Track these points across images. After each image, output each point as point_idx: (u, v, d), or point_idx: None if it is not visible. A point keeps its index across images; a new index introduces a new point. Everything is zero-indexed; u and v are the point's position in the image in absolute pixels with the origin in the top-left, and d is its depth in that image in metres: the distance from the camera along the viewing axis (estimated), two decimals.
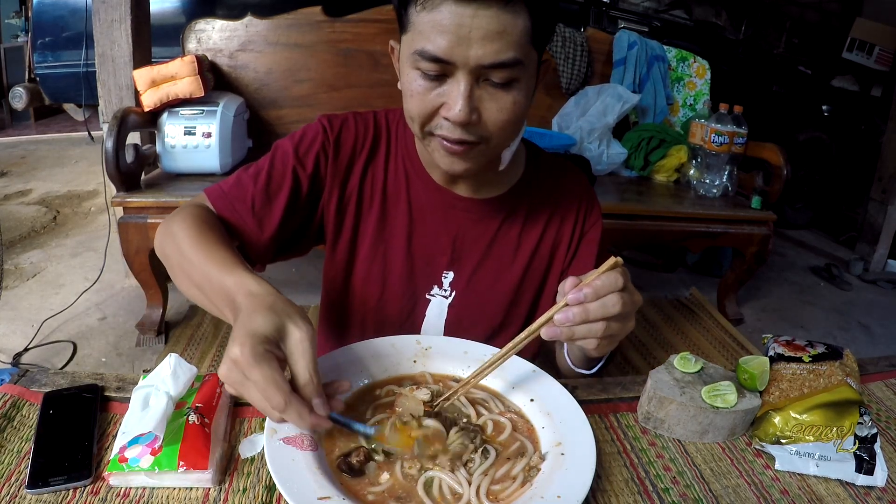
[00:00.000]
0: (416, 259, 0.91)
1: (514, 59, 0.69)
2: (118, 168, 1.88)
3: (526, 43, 0.70)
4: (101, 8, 2.12)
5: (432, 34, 0.68)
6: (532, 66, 0.74)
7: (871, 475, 0.66)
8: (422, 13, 0.68)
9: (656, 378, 0.73)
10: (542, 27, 0.72)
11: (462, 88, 0.70)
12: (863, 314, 2.94)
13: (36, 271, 2.59)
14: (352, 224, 0.91)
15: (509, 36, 0.68)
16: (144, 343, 2.13)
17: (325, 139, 0.89)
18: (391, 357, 0.75)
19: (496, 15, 0.66)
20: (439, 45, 0.68)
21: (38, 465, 0.57)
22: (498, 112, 0.72)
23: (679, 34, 3.75)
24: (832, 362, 0.74)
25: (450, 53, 0.68)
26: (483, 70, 0.69)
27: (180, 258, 0.74)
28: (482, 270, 0.92)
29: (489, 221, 0.91)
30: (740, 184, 2.63)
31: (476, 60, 0.68)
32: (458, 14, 0.66)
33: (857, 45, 4.34)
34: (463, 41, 0.67)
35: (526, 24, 0.69)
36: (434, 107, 0.73)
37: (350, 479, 0.58)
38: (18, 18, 5.12)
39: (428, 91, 0.72)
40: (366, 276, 0.92)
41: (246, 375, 0.54)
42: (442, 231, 0.91)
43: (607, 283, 0.62)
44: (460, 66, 0.69)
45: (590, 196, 0.97)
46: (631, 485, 0.63)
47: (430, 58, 0.69)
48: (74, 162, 4.18)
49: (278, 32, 2.44)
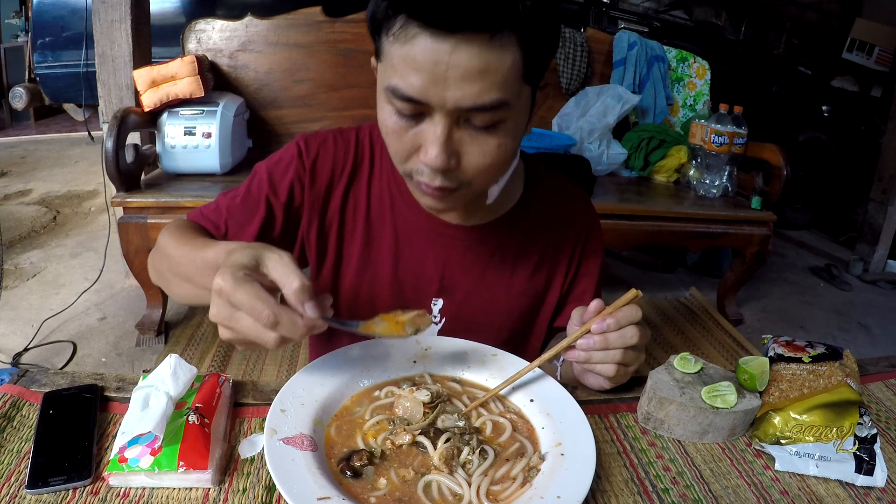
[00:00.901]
0: (404, 286, 0.87)
1: (497, 102, 0.61)
2: (118, 168, 1.88)
3: (515, 80, 0.62)
4: (101, 8, 2.12)
5: (405, 70, 0.60)
6: (523, 103, 0.66)
7: (871, 476, 0.66)
8: (395, 45, 0.61)
9: (656, 378, 0.73)
10: (537, 60, 0.64)
11: (438, 132, 0.63)
12: (863, 314, 2.94)
13: (36, 271, 2.59)
14: (335, 251, 0.87)
15: (494, 75, 0.60)
16: (144, 343, 2.13)
17: (299, 166, 0.84)
18: (391, 358, 0.75)
19: (479, 51, 0.58)
20: (413, 83, 0.60)
21: (38, 465, 0.57)
22: (480, 156, 0.66)
23: (679, 34, 3.75)
24: (832, 363, 0.74)
25: (424, 94, 0.61)
26: (463, 112, 0.62)
27: (168, 262, 0.74)
28: (474, 298, 0.88)
29: (481, 248, 0.86)
30: (740, 184, 2.64)
31: (454, 103, 0.61)
32: (433, 50, 0.58)
33: (856, 45, 4.34)
34: (439, 80, 0.59)
35: (516, 60, 0.61)
36: (411, 148, 0.67)
37: (352, 481, 0.58)
38: (18, 18, 5.12)
39: (404, 131, 0.66)
40: (352, 302, 0.88)
41: (231, 302, 0.55)
42: (430, 258, 0.86)
43: (628, 315, 0.68)
44: (437, 108, 0.62)
45: (589, 217, 0.92)
46: (631, 485, 0.63)
47: (402, 97, 0.62)
48: (74, 162, 4.18)
49: (278, 32, 2.44)
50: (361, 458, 0.59)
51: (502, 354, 0.77)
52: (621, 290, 0.70)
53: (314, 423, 0.63)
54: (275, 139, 2.52)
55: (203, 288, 0.65)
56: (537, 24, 0.61)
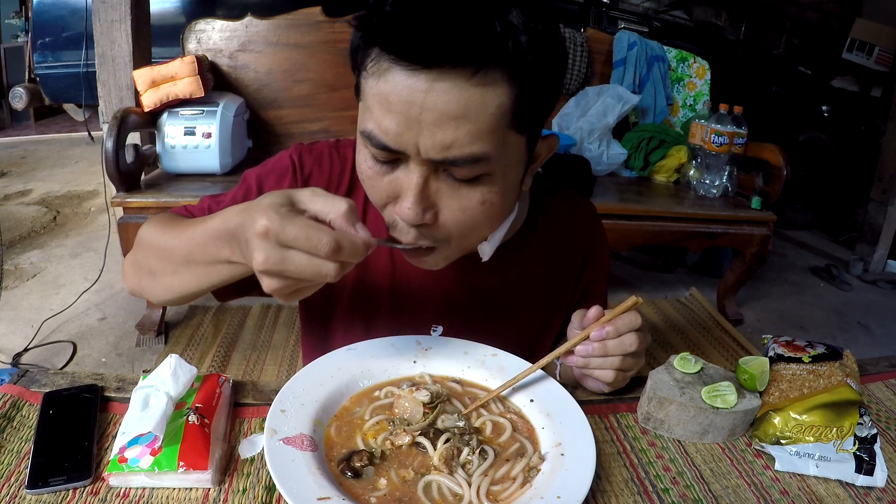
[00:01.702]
0: (402, 312, 0.83)
1: (475, 156, 0.54)
2: (118, 168, 1.88)
3: (501, 128, 0.55)
4: (101, 8, 2.12)
5: (379, 112, 0.55)
6: (514, 153, 0.59)
7: (871, 476, 0.66)
8: (370, 79, 0.56)
9: (656, 378, 0.73)
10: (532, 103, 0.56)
11: (413, 181, 0.57)
12: (863, 314, 2.94)
13: (36, 271, 2.59)
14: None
15: (474, 121, 0.53)
16: (144, 343, 2.13)
17: (292, 183, 0.78)
18: (391, 358, 0.75)
19: (458, 90, 0.51)
20: (386, 128, 0.55)
21: (38, 465, 0.57)
22: (460, 212, 0.60)
23: (679, 34, 3.75)
24: (832, 363, 0.74)
25: (397, 140, 0.55)
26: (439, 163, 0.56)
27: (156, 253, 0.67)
28: (474, 324, 0.83)
29: (482, 277, 0.82)
30: (740, 184, 2.64)
31: (426, 153, 0.54)
32: (407, 87, 0.52)
33: (856, 45, 4.34)
34: (412, 124, 0.53)
35: (504, 102, 0.53)
36: (387, 195, 0.61)
37: (352, 481, 0.58)
38: (18, 18, 5.12)
39: (380, 177, 0.60)
40: (347, 327, 0.84)
41: (281, 241, 0.49)
42: (429, 285, 0.82)
43: (627, 322, 0.68)
44: (412, 156, 0.56)
45: (598, 240, 0.89)
46: (631, 485, 0.63)
47: (376, 144, 0.57)
48: (74, 162, 4.18)
49: (278, 33, 2.44)
50: (361, 459, 0.59)
51: (502, 354, 0.77)
52: (621, 290, 0.70)
53: (314, 423, 0.63)
54: (275, 139, 2.52)
55: (210, 263, 0.59)
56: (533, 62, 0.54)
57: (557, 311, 0.89)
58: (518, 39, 0.52)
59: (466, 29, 0.51)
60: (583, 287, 0.89)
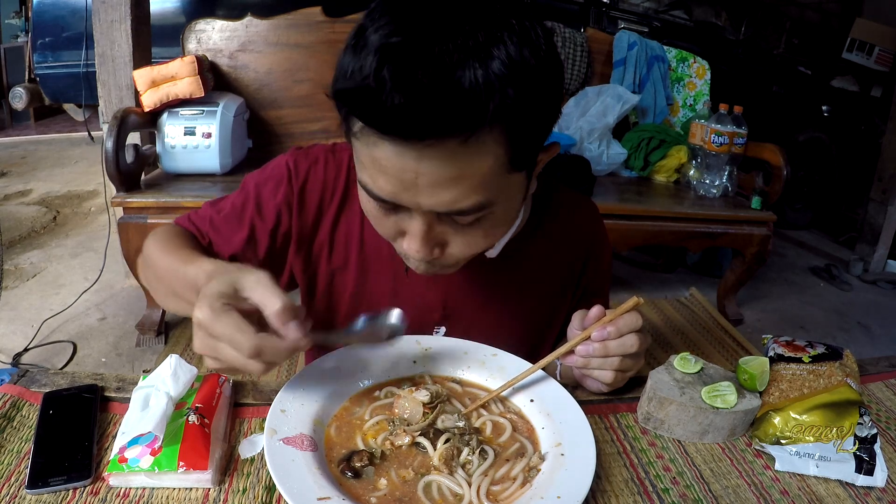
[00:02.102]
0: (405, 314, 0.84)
1: (477, 206, 0.56)
2: (118, 168, 1.88)
3: (498, 176, 0.56)
4: (101, 8, 2.12)
5: (373, 172, 0.55)
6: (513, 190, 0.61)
7: (871, 476, 0.66)
8: (359, 142, 0.55)
9: (656, 378, 0.73)
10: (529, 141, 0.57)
11: (417, 229, 0.59)
12: (863, 314, 2.94)
13: (36, 271, 2.59)
14: (326, 279, 0.83)
15: (469, 180, 0.54)
16: (144, 343, 2.13)
17: (288, 190, 0.79)
18: (391, 358, 0.75)
19: (451, 158, 0.51)
20: (382, 188, 0.56)
21: (38, 465, 0.57)
22: (465, 246, 0.63)
23: (679, 34, 3.75)
24: (832, 363, 0.74)
25: (396, 198, 0.56)
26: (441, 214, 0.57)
27: (154, 272, 0.73)
28: (477, 327, 0.84)
29: (484, 277, 0.83)
30: (740, 184, 2.64)
31: (429, 207, 0.56)
32: (399, 157, 0.52)
33: (857, 45, 4.34)
34: (409, 187, 0.54)
35: (498, 157, 0.54)
36: (394, 233, 0.63)
37: (352, 481, 0.58)
38: (18, 18, 5.12)
39: (384, 217, 0.62)
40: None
41: (212, 334, 0.53)
42: (431, 288, 0.82)
43: (629, 323, 0.68)
44: (413, 208, 0.57)
45: (599, 239, 0.89)
46: (631, 485, 0.63)
47: (374, 197, 0.58)
48: (74, 162, 4.18)
49: (278, 32, 2.44)
50: (362, 459, 0.59)
51: (502, 354, 0.77)
52: (621, 290, 0.70)
53: (314, 423, 0.63)
54: (275, 139, 2.52)
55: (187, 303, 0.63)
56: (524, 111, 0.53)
57: (559, 310, 0.89)
58: (505, 93, 0.50)
59: (450, 100, 0.49)
60: (584, 285, 0.89)
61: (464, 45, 0.49)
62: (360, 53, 0.51)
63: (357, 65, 0.51)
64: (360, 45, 0.51)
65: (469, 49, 0.49)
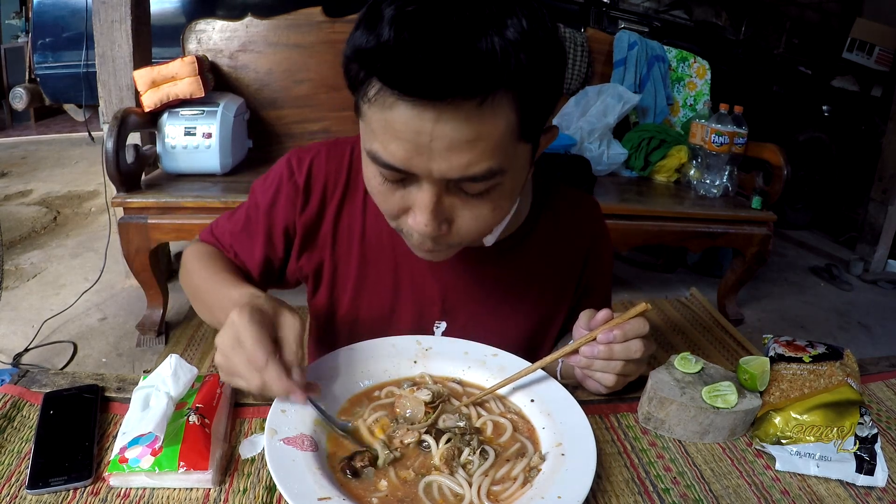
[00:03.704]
0: (404, 308, 0.84)
1: (489, 171, 0.57)
2: (118, 168, 1.88)
3: (510, 143, 0.57)
4: (101, 8, 2.12)
5: (386, 138, 0.55)
6: (520, 162, 0.61)
7: (872, 475, 0.66)
8: (373, 108, 0.55)
9: (656, 378, 0.73)
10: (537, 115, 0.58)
11: (426, 200, 0.59)
12: (863, 314, 2.94)
13: (36, 272, 2.59)
14: (330, 271, 0.84)
15: (484, 143, 0.54)
16: (145, 343, 2.13)
17: (291, 189, 0.81)
18: (391, 358, 0.75)
19: (467, 120, 0.52)
20: (394, 153, 0.56)
21: (39, 465, 0.57)
22: (473, 221, 0.62)
23: (679, 34, 3.75)
24: (832, 362, 0.74)
25: (407, 164, 0.56)
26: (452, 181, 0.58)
27: (195, 288, 0.81)
28: (477, 321, 0.85)
29: (485, 271, 0.83)
30: (740, 184, 2.64)
31: (440, 174, 0.56)
32: (415, 119, 0.52)
33: (857, 45, 4.34)
34: (423, 151, 0.54)
35: (510, 122, 0.55)
36: (399, 209, 0.63)
37: (353, 481, 0.58)
38: (18, 19, 5.12)
39: (390, 192, 0.61)
40: (351, 323, 0.86)
41: (238, 338, 0.58)
42: (431, 280, 0.83)
43: (635, 328, 0.68)
44: (423, 177, 0.57)
45: (600, 234, 0.89)
46: (631, 485, 0.63)
47: (384, 165, 0.58)
48: (75, 162, 4.18)
49: (278, 33, 2.44)
50: (363, 459, 0.59)
51: (503, 354, 0.77)
52: (622, 290, 0.70)
53: (314, 424, 0.63)
54: (275, 139, 2.52)
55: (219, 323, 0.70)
56: (535, 77, 0.55)
57: (560, 306, 0.89)
58: (519, 58, 0.52)
59: (471, 60, 0.50)
60: (585, 282, 0.89)
61: (479, 15, 0.51)
62: (374, 26, 0.52)
63: (373, 34, 0.51)
64: (373, 19, 0.52)
65: (484, 18, 0.51)
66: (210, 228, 0.89)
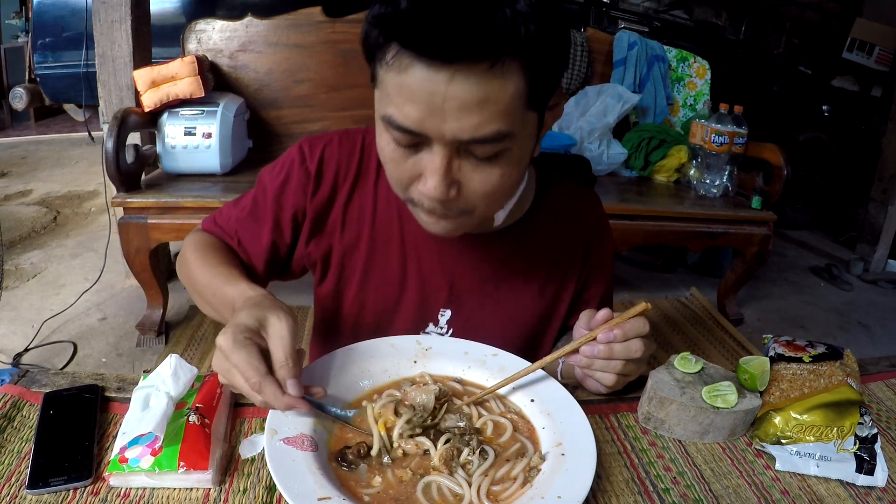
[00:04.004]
0: (411, 295, 0.85)
1: (498, 134, 0.59)
2: (118, 168, 1.88)
3: (519, 108, 0.60)
4: (101, 8, 2.12)
5: (401, 101, 0.59)
6: (529, 129, 0.64)
7: (872, 475, 0.66)
8: (389, 73, 0.59)
9: (656, 378, 0.73)
10: (543, 85, 0.61)
11: (437, 163, 0.61)
12: (863, 314, 2.94)
13: (36, 272, 2.59)
14: (339, 256, 0.85)
15: (494, 105, 0.57)
16: (145, 343, 2.13)
17: (302, 174, 0.82)
18: (391, 358, 0.75)
19: (478, 81, 0.56)
20: (409, 115, 0.59)
21: (39, 465, 0.57)
22: (482, 185, 0.64)
23: (679, 34, 3.75)
24: (832, 362, 0.74)
25: (421, 125, 0.59)
26: (462, 143, 0.60)
27: (193, 282, 0.81)
28: (482, 309, 0.86)
29: (491, 257, 0.85)
30: (740, 184, 2.63)
31: (452, 135, 0.59)
32: (429, 80, 0.56)
33: (857, 45, 4.34)
34: (436, 112, 0.57)
35: (519, 87, 0.58)
36: (410, 176, 0.65)
37: (347, 473, 0.59)
38: (18, 19, 5.12)
39: (403, 159, 0.64)
40: (357, 313, 0.87)
41: (229, 360, 0.58)
42: (438, 267, 0.84)
43: (635, 328, 0.68)
44: (435, 139, 0.60)
45: (600, 223, 0.91)
46: (631, 485, 0.63)
47: (398, 128, 0.60)
48: (75, 162, 4.18)
49: (278, 33, 2.44)
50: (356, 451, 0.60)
51: (503, 354, 0.77)
52: (622, 290, 0.70)
53: (314, 423, 0.63)
54: (275, 139, 2.52)
55: (221, 316, 0.74)
56: (542, 47, 0.58)
57: (562, 298, 0.90)
58: (528, 28, 0.56)
59: (483, 24, 0.54)
60: (587, 272, 0.90)
61: None
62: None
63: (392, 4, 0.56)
64: None
65: None
66: (213, 217, 0.88)
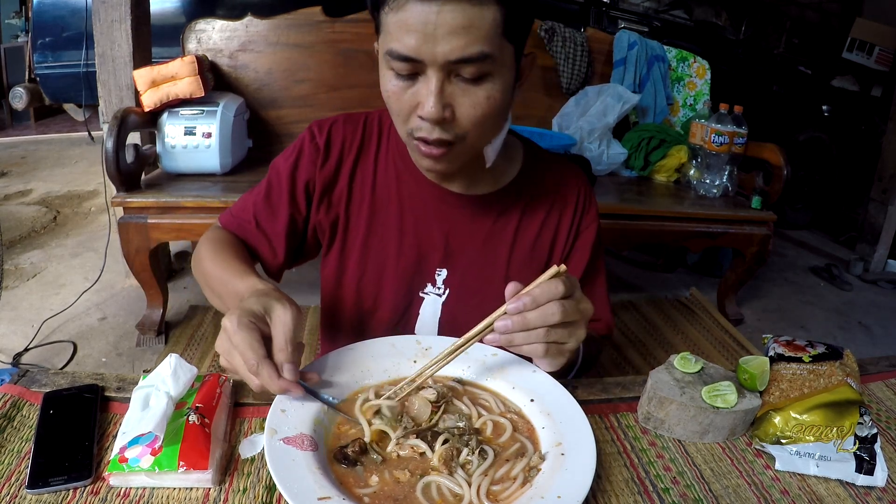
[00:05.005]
0: (409, 256, 0.91)
1: (481, 54, 0.68)
2: (118, 168, 1.88)
3: (497, 36, 0.69)
4: (101, 8, 2.12)
5: (400, 33, 0.68)
6: (507, 59, 0.73)
7: (872, 475, 0.66)
8: (390, 14, 0.69)
9: (656, 378, 0.73)
10: (517, 19, 0.71)
11: (432, 86, 0.70)
12: (863, 314, 2.94)
13: (36, 271, 2.59)
14: (343, 225, 0.92)
15: (477, 30, 0.67)
16: (144, 343, 2.13)
17: (312, 149, 0.90)
18: (391, 357, 0.75)
19: (462, 9, 0.66)
20: (406, 43, 0.68)
21: (39, 465, 0.57)
22: (471, 107, 0.72)
23: (679, 34, 3.75)
24: (832, 362, 0.74)
25: (417, 51, 0.68)
26: (452, 66, 0.69)
27: (206, 276, 0.85)
28: (476, 268, 0.91)
29: (483, 218, 0.91)
30: (740, 184, 2.63)
31: (443, 56, 0.68)
32: (423, 12, 0.66)
33: (857, 45, 4.34)
34: (429, 38, 0.67)
35: (496, 17, 0.68)
36: (410, 106, 0.73)
37: (345, 470, 0.59)
38: (18, 18, 5.13)
39: (402, 91, 0.73)
40: (360, 277, 0.92)
41: (231, 341, 0.62)
42: (434, 227, 0.90)
43: (546, 292, 0.66)
44: (429, 64, 0.69)
45: (588, 195, 0.95)
46: (631, 485, 0.63)
47: (398, 57, 0.69)
48: (74, 162, 4.18)
49: (278, 32, 2.44)
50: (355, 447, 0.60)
51: (503, 354, 0.77)
52: (622, 290, 0.70)
53: (314, 423, 0.63)
54: (275, 139, 2.52)
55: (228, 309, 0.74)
56: None
57: (554, 256, 0.94)
58: None
59: None
60: (573, 234, 0.94)
61: None
62: None
63: None
64: None
65: None
66: (229, 210, 0.95)
